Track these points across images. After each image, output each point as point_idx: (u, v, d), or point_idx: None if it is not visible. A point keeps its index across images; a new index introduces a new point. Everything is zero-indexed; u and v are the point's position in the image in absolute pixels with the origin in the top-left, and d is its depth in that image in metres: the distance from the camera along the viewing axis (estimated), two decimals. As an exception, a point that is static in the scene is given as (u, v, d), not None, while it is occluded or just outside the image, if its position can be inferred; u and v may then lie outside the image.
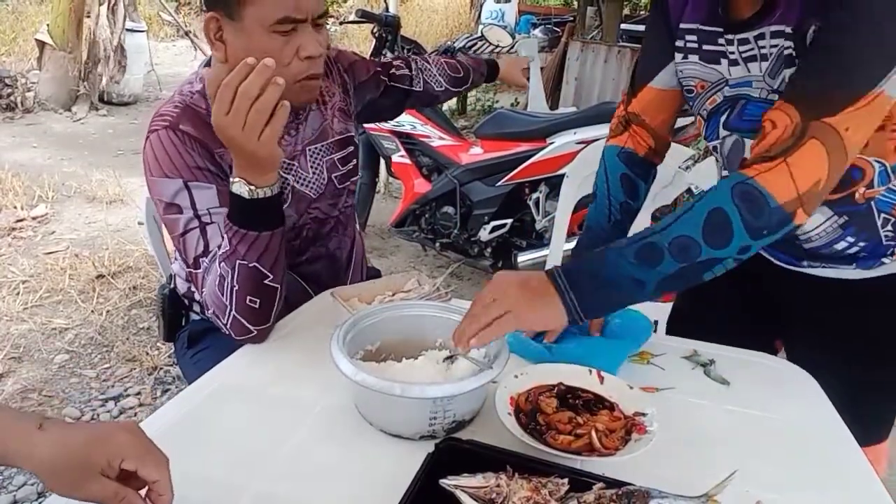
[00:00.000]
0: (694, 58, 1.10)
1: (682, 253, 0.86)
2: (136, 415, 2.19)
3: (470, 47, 6.08)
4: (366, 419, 0.90)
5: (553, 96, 5.18)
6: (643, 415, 0.85)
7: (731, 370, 1.08)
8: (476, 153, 2.99)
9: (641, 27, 6.21)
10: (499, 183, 2.86)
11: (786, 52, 0.94)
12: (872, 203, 1.00)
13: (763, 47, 0.98)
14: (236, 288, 1.03)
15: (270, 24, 1.06)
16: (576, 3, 7.86)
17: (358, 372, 0.83)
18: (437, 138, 3.09)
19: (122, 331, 2.67)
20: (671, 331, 1.34)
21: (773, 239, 0.86)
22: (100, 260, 3.18)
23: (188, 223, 1.08)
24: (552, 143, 2.77)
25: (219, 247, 1.05)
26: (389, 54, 3.31)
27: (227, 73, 1.00)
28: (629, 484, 0.68)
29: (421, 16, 11.27)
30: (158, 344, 2.56)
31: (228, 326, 1.06)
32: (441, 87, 1.65)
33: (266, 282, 1.04)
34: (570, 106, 4.86)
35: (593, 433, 0.82)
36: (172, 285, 1.40)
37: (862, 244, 1.03)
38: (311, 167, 1.28)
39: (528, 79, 1.63)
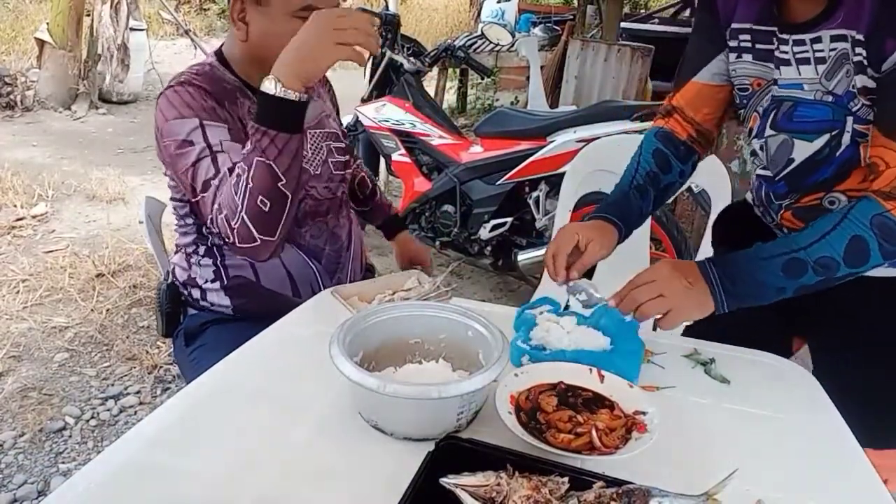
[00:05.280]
0: (748, 56, 1.12)
1: (824, 270, 0.96)
2: (136, 413, 2.19)
3: (470, 46, 6.07)
4: (382, 430, 0.88)
5: (553, 95, 5.17)
6: (643, 413, 0.85)
7: (731, 369, 1.08)
8: (476, 152, 2.99)
9: (642, 26, 6.20)
10: (499, 181, 2.86)
11: (855, 58, 0.95)
12: None
13: (820, 51, 0.99)
14: (250, 186, 1.07)
15: (294, 10, 1.16)
16: (576, 1, 7.85)
17: (386, 384, 0.81)
18: (436, 137, 3.08)
19: (122, 329, 2.67)
20: (687, 330, 1.30)
21: None
22: (100, 259, 3.17)
23: (201, 153, 1.15)
24: (552, 141, 2.77)
25: (233, 165, 1.11)
26: (389, 53, 3.31)
27: (245, 52, 1.24)
28: (629, 482, 0.68)
29: (421, 14, 11.26)
30: (158, 342, 2.56)
31: (236, 231, 1.10)
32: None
33: (279, 185, 1.08)
34: (570, 104, 4.84)
35: (593, 432, 0.82)
36: (171, 279, 1.41)
37: None
38: (311, 148, 1.36)
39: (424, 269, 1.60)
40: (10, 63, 6.29)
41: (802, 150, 1.07)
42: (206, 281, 1.34)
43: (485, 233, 2.91)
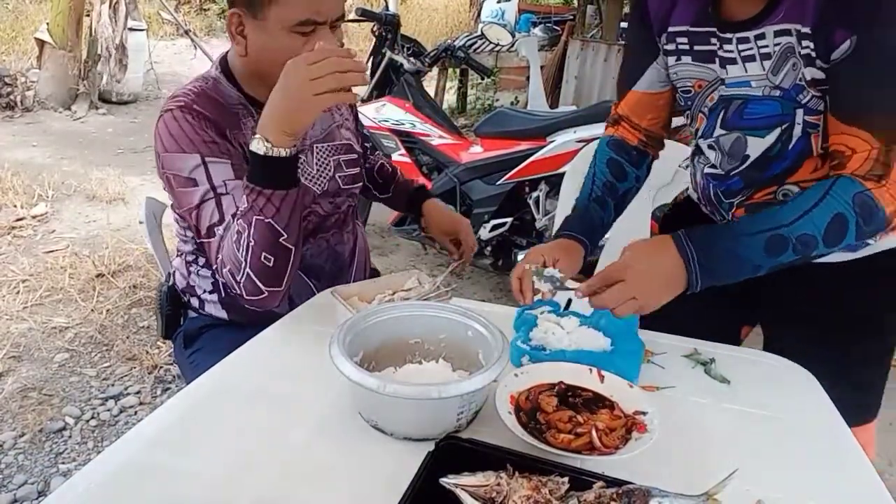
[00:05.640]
0: (686, 59, 1.12)
1: (803, 248, 0.95)
2: (136, 413, 2.19)
3: (470, 46, 6.07)
4: (382, 430, 0.88)
5: (553, 95, 5.18)
6: (643, 413, 0.85)
7: (731, 369, 1.08)
8: (476, 152, 2.99)
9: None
10: (499, 181, 2.86)
11: (803, 51, 0.95)
12: None
13: (764, 46, 0.99)
14: (252, 244, 1.05)
15: (292, 25, 1.10)
16: (576, 1, 7.85)
17: (386, 384, 0.81)
18: (437, 137, 3.09)
19: (122, 329, 2.67)
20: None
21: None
22: (100, 259, 3.17)
23: (205, 195, 1.11)
24: (552, 141, 2.77)
25: (237, 209, 1.08)
26: (389, 53, 3.31)
27: (246, 66, 1.16)
28: (629, 483, 0.68)
29: (421, 14, 11.26)
30: (158, 343, 2.56)
31: (241, 285, 1.08)
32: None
33: (281, 240, 1.06)
34: (570, 104, 4.85)
35: (593, 432, 0.82)
36: (171, 282, 1.40)
37: None
38: (317, 164, 1.32)
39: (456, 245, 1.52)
40: (10, 63, 6.30)
41: (756, 146, 1.08)
42: (205, 291, 1.33)
43: (485, 233, 2.91)
